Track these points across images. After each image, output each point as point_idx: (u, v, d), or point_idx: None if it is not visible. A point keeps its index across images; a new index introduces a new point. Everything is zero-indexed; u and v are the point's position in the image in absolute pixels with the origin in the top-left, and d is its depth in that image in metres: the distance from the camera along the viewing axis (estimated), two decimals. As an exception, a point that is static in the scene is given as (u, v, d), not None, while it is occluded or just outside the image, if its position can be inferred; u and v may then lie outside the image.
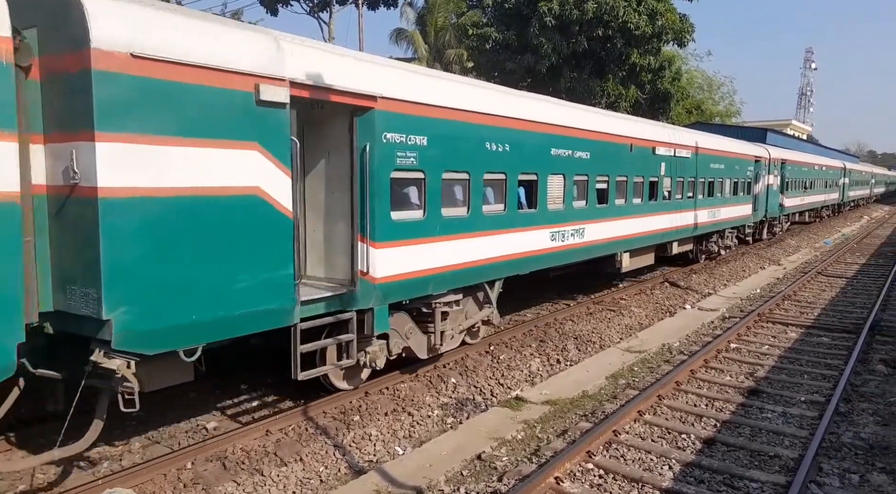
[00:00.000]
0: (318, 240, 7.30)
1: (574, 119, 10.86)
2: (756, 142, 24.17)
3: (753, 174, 20.89)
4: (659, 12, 24.58)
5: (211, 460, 6.12)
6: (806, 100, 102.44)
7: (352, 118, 6.69)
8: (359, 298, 6.85)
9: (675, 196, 15.02)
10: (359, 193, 6.72)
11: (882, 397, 8.20)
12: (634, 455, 6.42)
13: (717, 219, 18.12)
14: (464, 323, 8.87)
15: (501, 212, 9.02)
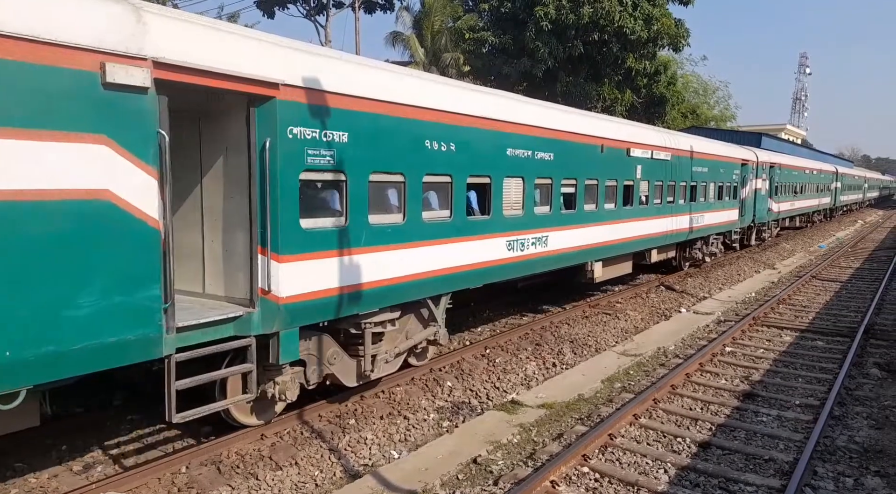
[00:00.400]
0: (217, 253, 6.18)
1: (534, 116, 9.82)
2: (745, 146, 23.62)
3: (740, 178, 20.13)
4: (654, 17, 24.69)
5: (205, 464, 6.10)
6: (800, 104, 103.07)
7: (248, 109, 5.70)
8: (257, 321, 5.78)
9: (652, 201, 14.12)
10: (258, 197, 5.69)
11: (876, 400, 8.23)
12: (630, 459, 6.42)
13: (701, 225, 17.23)
14: (403, 344, 7.93)
15: (447, 220, 8.03)
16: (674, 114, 36.38)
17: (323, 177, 6.35)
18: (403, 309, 7.70)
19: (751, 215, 21.68)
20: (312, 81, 6.11)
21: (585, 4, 23.35)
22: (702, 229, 17.47)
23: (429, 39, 34.84)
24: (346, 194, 6.53)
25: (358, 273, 6.68)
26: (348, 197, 6.54)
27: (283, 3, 31.82)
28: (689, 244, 17.64)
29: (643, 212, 13.72)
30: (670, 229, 15.29)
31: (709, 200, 17.64)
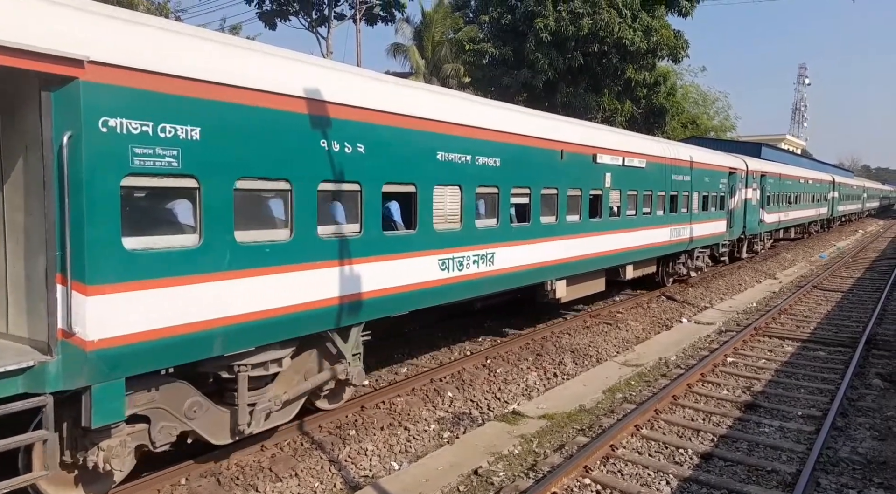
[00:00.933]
0: (20, 279, 4.72)
1: (475, 116, 8.49)
2: (735, 154, 22.16)
3: (728, 187, 19.01)
4: (653, 28, 24.86)
5: (205, 476, 6.08)
6: (800, 115, 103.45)
7: (40, 94, 4.34)
8: (55, 374, 4.38)
9: (625, 212, 12.81)
10: (55, 210, 4.33)
11: (879, 411, 8.19)
12: (632, 470, 6.39)
13: (683, 238, 15.87)
14: (299, 387, 6.56)
15: (355, 235, 6.68)
16: (674, 124, 36.52)
17: (162, 183, 4.93)
18: (300, 346, 6.42)
19: (740, 227, 20.61)
20: (140, 57, 4.68)
21: (585, 16, 23.51)
22: (684, 242, 16.04)
23: (429, 51, 35.08)
24: (199, 205, 5.16)
25: (219, 304, 5.32)
26: (203, 208, 5.17)
27: (284, 14, 32.07)
28: (672, 258, 16.34)
29: (614, 225, 12.41)
30: (648, 243, 14.03)
31: (692, 211, 16.33)
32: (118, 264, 4.62)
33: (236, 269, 5.45)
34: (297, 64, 6.25)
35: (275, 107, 5.70)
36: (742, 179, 20.39)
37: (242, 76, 5.43)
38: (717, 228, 18.51)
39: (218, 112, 5.22)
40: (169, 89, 4.85)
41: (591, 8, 23.78)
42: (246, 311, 5.54)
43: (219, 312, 5.32)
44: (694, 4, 26.82)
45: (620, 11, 24.01)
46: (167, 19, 5.62)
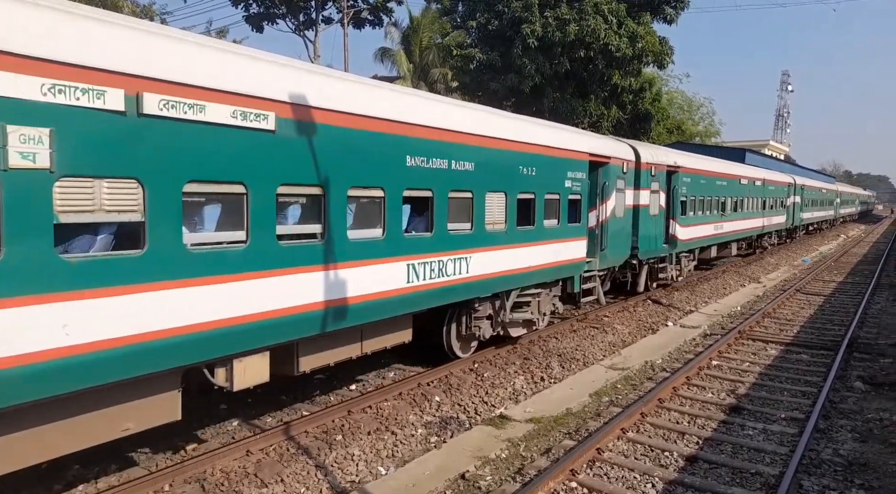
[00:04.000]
0: None
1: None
2: (618, 138, 15.88)
3: (591, 187, 12.15)
4: (639, 35, 25.06)
5: (189, 482, 6.01)
6: (783, 121, 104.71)
7: None
8: None
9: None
10: None
11: (860, 414, 8.30)
12: (618, 473, 6.42)
13: (468, 277, 8.74)
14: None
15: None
16: (659, 129, 36.85)
17: None
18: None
19: (626, 247, 13.93)
20: None
21: (571, 22, 23.67)
22: (472, 284, 8.86)
23: (417, 55, 35.13)
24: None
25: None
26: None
27: (271, 18, 31.96)
28: (455, 313, 9.50)
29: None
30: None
31: (495, 228, 9.26)
32: None
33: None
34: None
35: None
36: (624, 176, 13.49)
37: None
38: (567, 252, 11.24)
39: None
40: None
41: (578, 14, 23.94)
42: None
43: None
44: (679, 12, 27.09)
45: (606, 18, 24.19)
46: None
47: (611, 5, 24.36)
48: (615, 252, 13.35)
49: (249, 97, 5.63)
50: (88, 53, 4.53)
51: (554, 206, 10.87)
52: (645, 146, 15.86)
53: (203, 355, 5.48)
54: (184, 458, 6.58)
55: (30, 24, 4.27)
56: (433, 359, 9.83)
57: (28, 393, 4.33)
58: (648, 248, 14.93)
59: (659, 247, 15.67)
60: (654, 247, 15.31)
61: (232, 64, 5.69)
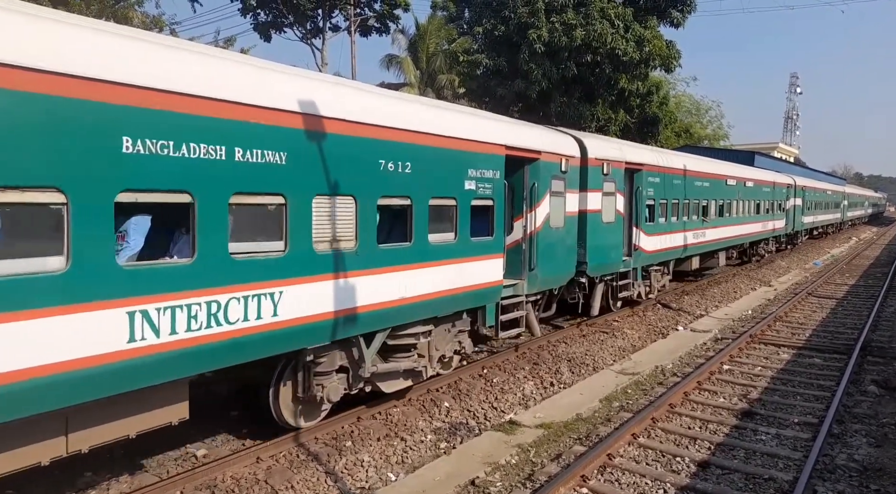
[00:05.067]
0: None
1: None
2: (549, 127, 12.34)
3: (506, 190, 9.51)
4: (646, 39, 25.02)
5: (200, 489, 6.03)
6: (792, 123, 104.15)
7: None
8: None
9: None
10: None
11: (874, 418, 8.21)
12: (629, 479, 6.38)
13: (280, 322, 6.04)
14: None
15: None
16: (667, 133, 36.72)
17: None
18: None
19: (563, 265, 11.05)
20: None
21: (578, 27, 23.68)
22: (288, 330, 6.18)
23: (424, 62, 35.23)
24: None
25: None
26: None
27: (279, 26, 32.19)
28: (288, 368, 6.86)
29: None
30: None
31: (321, 247, 6.51)
32: None
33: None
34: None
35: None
36: (563, 175, 10.73)
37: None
38: (472, 276, 8.67)
39: None
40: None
41: (584, 19, 23.96)
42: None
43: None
44: (686, 15, 27.05)
45: (613, 22, 24.19)
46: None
47: (617, 9, 24.37)
48: (551, 270, 10.51)
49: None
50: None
51: (447, 215, 8.23)
52: (594, 138, 12.97)
53: None
54: (194, 465, 6.60)
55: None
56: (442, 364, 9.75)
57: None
58: (601, 262, 12.24)
59: (617, 260, 12.88)
60: (609, 260, 12.56)
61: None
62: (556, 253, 10.73)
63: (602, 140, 13.45)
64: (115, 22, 18.91)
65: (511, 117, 12.81)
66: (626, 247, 13.47)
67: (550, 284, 10.90)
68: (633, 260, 13.62)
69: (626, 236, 13.45)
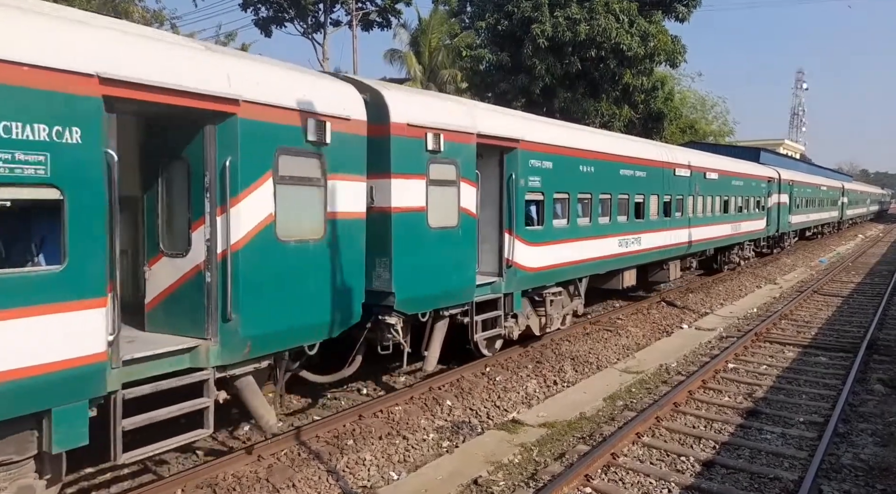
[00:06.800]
0: None
1: None
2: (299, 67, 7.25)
3: (155, 176, 6.07)
4: (651, 34, 24.87)
5: (201, 487, 6.00)
6: (798, 120, 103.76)
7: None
8: None
9: None
10: None
11: (881, 417, 8.13)
12: (633, 479, 6.32)
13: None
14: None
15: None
16: (672, 129, 36.54)
17: None
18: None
19: (315, 305, 6.64)
20: None
21: (582, 22, 23.54)
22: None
23: (426, 56, 35.10)
24: None
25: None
26: None
27: (280, 21, 32.11)
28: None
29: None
30: None
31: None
32: None
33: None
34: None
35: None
36: (318, 152, 6.54)
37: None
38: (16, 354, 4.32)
39: None
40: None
41: (589, 14, 23.80)
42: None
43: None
44: (691, 10, 26.88)
45: (618, 17, 24.03)
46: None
47: (622, 4, 24.20)
48: (283, 315, 6.23)
49: None
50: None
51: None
52: (409, 91, 8.79)
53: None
54: (196, 463, 6.58)
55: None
56: (446, 363, 9.69)
57: None
58: (428, 291, 8.03)
59: (463, 284, 8.57)
60: (445, 285, 8.28)
61: None
62: (300, 284, 6.37)
63: (428, 96, 9.09)
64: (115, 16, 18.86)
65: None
66: (496, 262, 9.56)
67: (285, 342, 6.38)
68: (506, 282, 9.49)
69: (499, 247, 9.52)
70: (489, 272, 9.55)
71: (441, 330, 8.71)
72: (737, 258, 21.66)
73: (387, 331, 7.80)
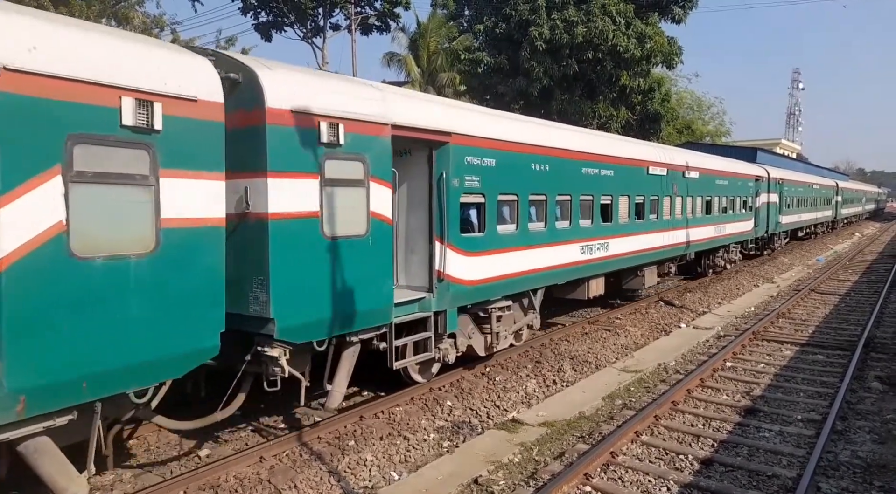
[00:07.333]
0: None
1: None
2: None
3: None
4: (647, 35, 25.01)
5: (204, 488, 6.04)
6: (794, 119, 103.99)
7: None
8: None
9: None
10: None
11: (878, 414, 8.19)
12: (632, 477, 6.37)
13: None
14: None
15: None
16: (669, 130, 36.67)
17: None
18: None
19: (126, 342, 5.01)
20: None
21: (579, 24, 23.65)
22: None
23: (425, 60, 35.21)
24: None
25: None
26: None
27: (280, 26, 32.18)
28: None
29: None
30: None
31: None
32: None
33: None
34: None
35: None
36: (112, 133, 4.90)
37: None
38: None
39: None
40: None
41: (585, 16, 23.93)
42: None
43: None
44: (687, 11, 27.02)
45: (614, 19, 24.16)
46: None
47: (618, 6, 24.33)
48: (81, 358, 4.75)
49: None
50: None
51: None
52: (295, 71, 6.76)
53: None
54: (198, 465, 6.62)
55: None
56: (446, 364, 9.44)
57: None
58: (324, 316, 6.65)
59: (375, 304, 7.23)
60: (348, 307, 6.89)
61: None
62: (114, 313, 4.96)
63: (322, 77, 7.41)
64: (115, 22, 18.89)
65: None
66: (426, 276, 8.28)
67: (94, 391, 4.89)
68: (438, 299, 8.25)
69: (426, 258, 8.29)
70: (419, 287, 8.28)
71: (349, 358, 7.28)
72: (722, 261, 20.52)
73: (271, 364, 6.40)
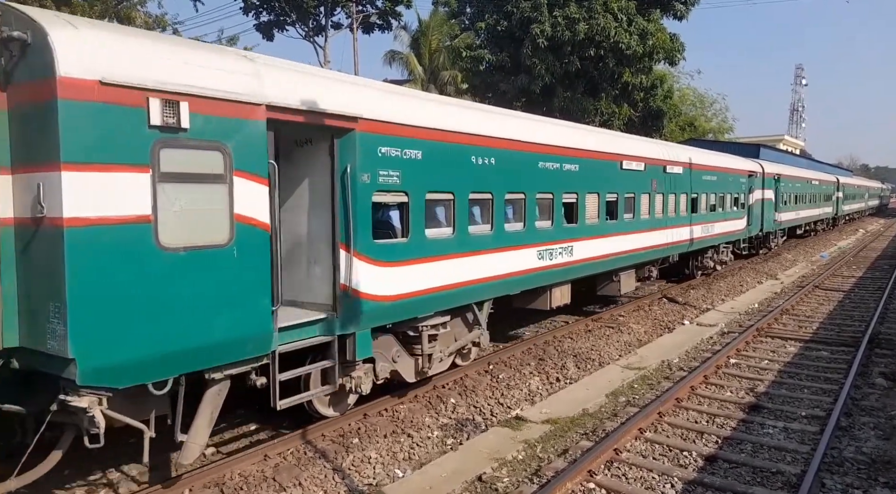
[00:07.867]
0: None
1: None
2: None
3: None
4: (649, 32, 24.92)
5: (209, 486, 6.06)
6: (798, 115, 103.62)
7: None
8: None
9: None
10: None
11: (883, 410, 8.17)
12: (636, 474, 6.37)
13: None
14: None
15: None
16: (671, 126, 36.57)
17: None
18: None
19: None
20: None
21: (581, 21, 23.60)
22: None
23: (426, 58, 35.21)
24: None
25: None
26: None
27: (281, 25, 32.19)
28: None
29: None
30: None
31: None
32: None
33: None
34: None
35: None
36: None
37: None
38: None
39: None
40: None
41: (587, 13, 23.87)
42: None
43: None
44: (689, 8, 26.92)
45: (616, 16, 24.09)
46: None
47: (620, 3, 24.25)
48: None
49: None
50: None
51: None
52: (107, 30, 5.15)
53: None
54: (202, 463, 6.63)
55: None
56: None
57: None
58: (162, 349, 5.03)
59: (249, 328, 5.70)
60: (204, 336, 5.33)
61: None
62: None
63: (156, 39, 5.62)
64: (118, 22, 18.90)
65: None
66: (330, 292, 6.82)
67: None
68: (343, 319, 6.76)
69: (328, 271, 6.84)
70: (323, 305, 6.81)
71: (212, 401, 5.79)
72: (711, 263, 19.12)
73: (82, 416, 4.80)
